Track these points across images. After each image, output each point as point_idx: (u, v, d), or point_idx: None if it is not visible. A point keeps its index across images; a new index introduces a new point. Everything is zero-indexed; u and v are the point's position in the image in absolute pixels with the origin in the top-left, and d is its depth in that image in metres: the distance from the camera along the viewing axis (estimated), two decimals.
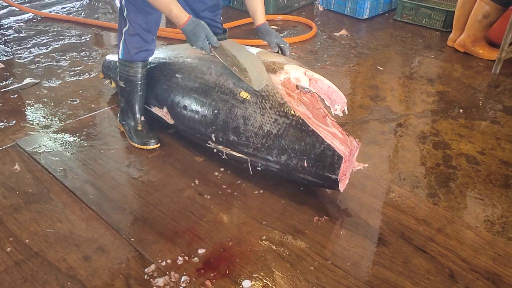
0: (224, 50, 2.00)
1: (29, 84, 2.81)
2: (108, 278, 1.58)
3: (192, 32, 1.95)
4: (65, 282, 1.56)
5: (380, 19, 4.11)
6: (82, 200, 1.90)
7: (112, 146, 2.26)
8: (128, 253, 1.68)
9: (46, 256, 1.65)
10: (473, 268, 1.66)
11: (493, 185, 2.11)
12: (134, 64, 2.11)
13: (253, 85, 1.89)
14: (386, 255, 1.71)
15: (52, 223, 1.79)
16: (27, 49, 3.31)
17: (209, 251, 1.69)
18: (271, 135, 1.85)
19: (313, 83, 1.92)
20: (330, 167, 1.77)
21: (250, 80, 1.90)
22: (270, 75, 1.95)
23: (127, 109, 2.24)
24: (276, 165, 1.89)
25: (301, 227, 1.81)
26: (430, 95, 2.88)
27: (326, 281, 1.59)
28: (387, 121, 2.58)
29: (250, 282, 1.57)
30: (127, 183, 2.01)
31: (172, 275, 1.58)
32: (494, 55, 3.21)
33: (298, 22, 3.98)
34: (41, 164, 2.10)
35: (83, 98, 2.69)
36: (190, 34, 1.95)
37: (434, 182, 2.12)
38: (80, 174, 2.05)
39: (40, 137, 2.29)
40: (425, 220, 1.86)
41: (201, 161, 2.16)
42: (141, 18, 2.03)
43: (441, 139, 2.43)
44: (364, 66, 3.25)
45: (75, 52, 3.29)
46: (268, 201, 1.93)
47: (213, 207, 1.89)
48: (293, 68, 1.96)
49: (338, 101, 1.97)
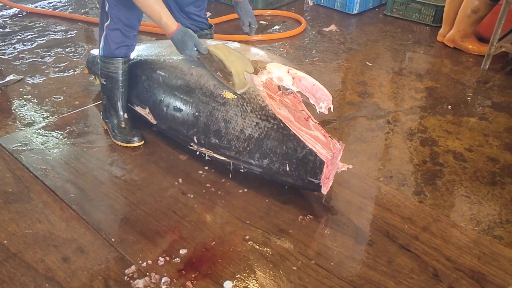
0: (212, 56, 1.96)
1: (12, 81, 2.76)
2: (87, 279, 1.55)
3: (180, 41, 1.92)
4: (43, 284, 1.53)
5: (370, 14, 4.09)
6: (63, 199, 1.87)
7: (95, 144, 2.22)
8: (108, 253, 1.65)
9: (24, 257, 1.62)
10: (458, 267, 1.64)
11: (480, 183, 2.10)
12: (114, 60, 2.07)
13: (235, 89, 1.86)
14: (370, 254, 1.69)
15: (32, 224, 1.76)
16: (11, 45, 3.25)
17: (191, 251, 1.66)
18: (252, 139, 1.83)
19: (297, 81, 1.89)
20: (312, 172, 1.75)
21: (233, 83, 1.87)
22: (252, 76, 1.92)
23: (109, 107, 2.20)
24: (259, 168, 1.86)
25: (285, 227, 1.78)
26: (418, 91, 2.86)
27: (309, 281, 1.57)
28: (374, 118, 2.56)
29: (232, 283, 1.54)
30: (110, 182, 1.98)
31: (153, 276, 1.55)
32: (484, 50, 3.20)
33: (287, 17, 3.94)
34: (22, 162, 2.06)
35: (67, 95, 2.65)
36: (179, 43, 1.93)
37: (420, 179, 2.11)
38: (62, 173, 2.01)
39: (22, 135, 2.25)
40: (410, 219, 1.84)
41: (185, 159, 2.12)
42: (123, 13, 1.99)
43: (428, 136, 2.42)
44: (353, 62, 3.22)
45: (61, 48, 3.24)
46: (253, 200, 1.91)
47: (197, 206, 1.86)
48: (276, 66, 1.92)
49: (323, 98, 1.94)
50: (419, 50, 3.42)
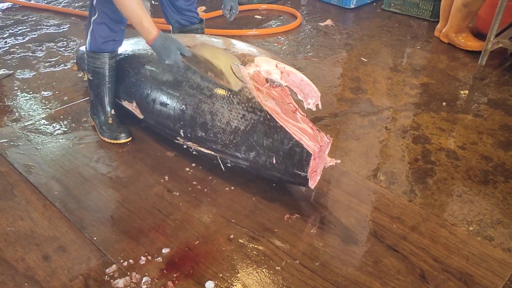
0: (197, 57, 1.89)
1: (1, 76, 2.73)
2: (67, 279, 1.52)
3: (162, 46, 1.83)
4: (22, 283, 1.50)
5: (368, 8, 4.04)
6: (46, 197, 1.84)
7: (83, 140, 2.19)
8: (90, 252, 1.62)
9: (4, 255, 1.60)
10: (445, 268, 1.61)
11: (472, 181, 2.06)
12: (100, 55, 2.04)
13: (231, 87, 1.82)
14: (356, 254, 1.66)
15: (14, 221, 1.73)
16: (3, 39, 3.22)
17: (174, 250, 1.63)
18: (239, 131, 1.79)
19: (285, 76, 1.86)
20: (299, 164, 1.72)
21: (228, 81, 1.83)
22: (239, 68, 1.88)
23: (96, 103, 2.17)
24: (245, 162, 1.83)
25: (270, 226, 1.75)
26: (413, 88, 2.82)
27: (292, 281, 1.54)
28: (367, 115, 2.52)
29: (214, 283, 1.51)
30: (95, 179, 1.95)
31: (133, 276, 1.53)
32: (478, 46, 3.15)
33: (283, 11, 3.89)
34: (7, 159, 2.04)
35: (56, 90, 2.62)
36: (161, 49, 1.84)
37: (411, 178, 2.07)
38: (47, 170, 1.99)
39: (8, 131, 2.23)
40: (399, 218, 1.81)
41: (172, 156, 2.09)
42: (109, 7, 1.95)
43: (421, 133, 2.38)
44: (348, 57, 3.18)
45: (52, 42, 3.21)
46: (239, 198, 1.88)
47: (182, 204, 1.84)
48: (264, 60, 1.89)
49: (311, 95, 1.91)
50: (415, 45, 3.37)
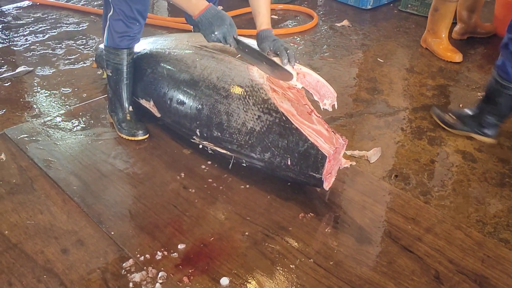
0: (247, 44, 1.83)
1: (22, 72, 2.78)
2: (85, 272, 1.55)
3: (216, 16, 1.74)
4: (41, 275, 1.54)
5: (385, 9, 4.01)
6: (65, 191, 1.88)
7: (101, 137, 2.23)
8: (107, 246, 1.65)
9: (24, 248, 1.63)
10: (460, 270, 1.61)
11: (488, 184, 2.05)
12: (119, 51, 2.07)
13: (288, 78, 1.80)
14: (371, 254, 1.66)
15: (33, 215, 1.77)
16: (23, 36, 3.28)
17: (189, 246, 1.65)
18: (254, 132, 1.81)
19: (301, 77, 1.86)
20: (314, 166, 1.72)
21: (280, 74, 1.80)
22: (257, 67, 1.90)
23: (115, 100, 2.20)
24: (260, 162, 1.85)
25: (285, 224, 1.76)
26: (430, 89, 2.80)
27: (306, 280, 1.55)
28: (383, 115, 2.51)
29: (228, 279, 1.53)
30: (112, 175, 1.98)
31: (150, 271, 1.55)
32: (453, 56, 3.06)
33: (299, 11, 3.90)
34: (27, 154, 2.08)
35: (75, 87, 2.66)
36: (213, 19, 1.73)
37: (427, 179, 2.06)
38: (66, 165, 2.02)
39: (28, 127, 2.27)
40: (414, 219, 1.81)
41: (188, 153, 2.12)
42: (125, 5, 1.98)
43: (437, 135, 2.37)
44: (364, 58, 3.17)
45: (72, 40, 3.25)
46: (254, 196, 1.89)
47: (197, 201, 1.86)
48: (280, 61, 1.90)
49: (327, 95, 1.91)
50: None
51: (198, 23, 1.79)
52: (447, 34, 3.13)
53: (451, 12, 3.04)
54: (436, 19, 3.09)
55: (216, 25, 1.75)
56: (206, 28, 1.77)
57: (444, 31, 3.11)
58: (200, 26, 1.79)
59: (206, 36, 1.81)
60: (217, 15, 1.76)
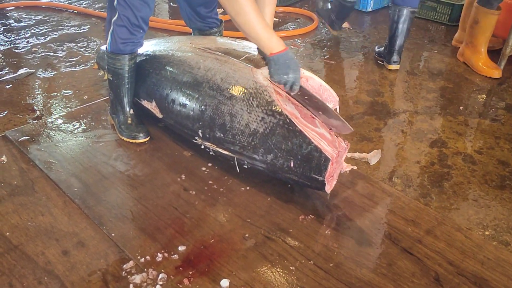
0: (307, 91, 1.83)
1: (23, 75, 2.79)
2: (85, 273, 1.56)
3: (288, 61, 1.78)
4: (42, 276, 1.54)
5: (385, 12, 4.02)
6: (66, 193, 1.88)
7: (102, 138, 2.23)
8: (108, 248, 1.65)
9: (25, 249, 1.64)
10: (460, 272, 1.61)
11: (489, 186, 2.05)
12: (120, 57, 2.08)
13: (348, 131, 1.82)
14: (371, 256, 1.66)
15: (34, 216, 1.78)
16: (25, 38, 3.29)
17: (190, 248, 1.66)
18: (257, 133, 1.81)
19: (304, 81, 1.87)
20: (317, 169, 1.73)
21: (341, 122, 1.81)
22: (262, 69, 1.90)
23: (116, 102, 2.21)
24: (262, 164, 1.85)
25: (285, 226, 1.77)
26: (430, 91, 2.81)
27: (306, 281, 1.55)
28: (383, 118, 2.52)
29: (229, 281, 1.53)
30: (113, 177, 1.98)
31: (150, 272, 1.56)
32: (492, 71, 2.96)
33: (300, 14, 3.91)
34: (28, 156, 2.08)
35: (76, 89, 2.67)
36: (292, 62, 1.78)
37: (427, 181, 2.07)
38: (67, 167, 2.03)
39: (29, 128, 2.28)
40: (414, 221, 1.81)
41: (189, 155, 2.12)
42: (130, 12, 1.99)
43: (438, 137, 2.37)
44: (365, 60, 3.18)
45: (73, 42, 3.27)
46: (254, 198, 1.89)
47: (198, 203, 1.86)
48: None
49: (329, 99, 1.92)
50: (433, 49, 3.36)
51: (272, 61, 1.79)
52: (486, 48, 3.01)
53: (491, 25, 2.92)
54: (475, 32, 2.97)
55: (292, 69, 1.77)
56: (280, 68, 1.77)
57: (484, 45, 3.00)
58: (273, 64, 1.78)
59: (274, 74, 1.80)
60: (294, 59, 1.79)
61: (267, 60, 1.82)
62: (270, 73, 1.82)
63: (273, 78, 1.81)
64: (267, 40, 1.78)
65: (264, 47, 1.80)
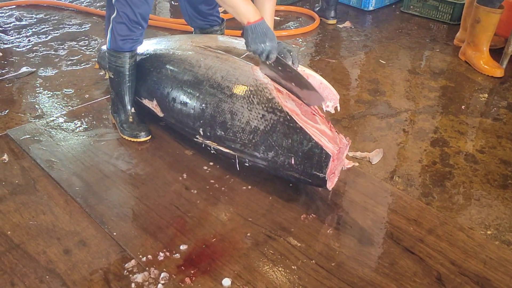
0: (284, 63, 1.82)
1: (25, 73, 2.79)
2: (87, 272, 1.56)
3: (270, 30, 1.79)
4: (44, 275, 1.54)
5: (387, 10, 4.02)
6: (68, 192, 1.88)
7: (103, 137, 2.23)
8: (109, 247, 1.65)
9: (26, 248, 1.64)
10: (462, 272, 1.60)
11: (491, 185, 2.04)
12: (121, 54, 2.07)
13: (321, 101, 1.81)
14: (373, 255, 1.66)
15: (36, 215, 1.78)
16: (26, 37, 3.29)
17: (191, 247, 1.65)
18: (258, 131, 1.81)
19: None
20: (318, 165, 1.72)
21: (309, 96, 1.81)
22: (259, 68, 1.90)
23: (117, 101, 2.21)
24: (264, 161, 1.85)
25: (287, 225, 1.76)
26: (432, 90, 2.80)
27: (308, 281, 1.55)
28: (385, 117, 2.51)
29: (230, 280, 1.53)
30: (114, 176, 1.98)
31: (152, 271, 1.55)
32: (494, 71, 2.95)
33: (301, 13, 3.90)
34: (30, 154, 2.08)
35: (77, 88, 2.67)
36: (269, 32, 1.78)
37: (429, 181, 2.06)
38: (68, 165, 2.03)
39: (31, 127, 2.27)
40: (416, 221, 1.80)
41: (190, 154, 2.12)
42: (129, 9, 1.98)
43: (439, 136, 2.37)
44: (366, 59, 3.17)
45: (74, 41, 3.26)
46: (256, 197, 1.89)
47: (199, 202, 1.86)
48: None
49: (330, 97, 1.92)
50: (435, 48, 3.35)
51: (249, 30, 1.79)
52: (488, 47, 2.99)
53: (493, 24, 2.90)
54: (477, 31, 2.94)
55: (269, 38, 1.78)
56: (258, 37, 1.78)
57: (485, 44, 2.98)
58: (250, 33, 1.79)
59: (251, 43, 1.79)
60: (270, 29, 1.80)
61: (244, 30, 1.82)
62: (247, 42, 1.82)
63: (250, 47, 1.81)
64: (245, 9, 1.79)
65: (242, 16, 1.80)
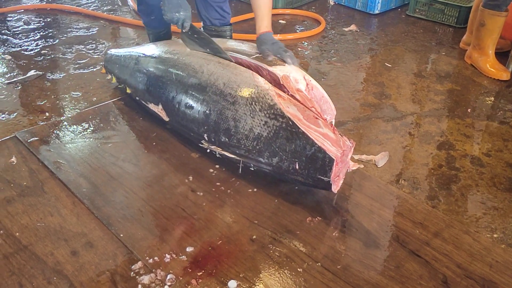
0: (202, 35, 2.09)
1: (33, 77, 2.82)
2: (94, 274, 1.57)
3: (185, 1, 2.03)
4: (51, 276, 1.56)
5: (392, 14, 4.02)
6: (75, 194, 1.90)
7: (110, 140, 2.25)
8: (116, 249, 1.67)
9: (34, 249, 1.65)
10: (468, 275, 1.60)
11: (497, 189, 2.04)
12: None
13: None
14: (378, 258, 1.66)
15: (44, 217, 1.79)
16: (34, 41, 3.32)
17: (198, 249, 1.66)
18: (261, 137, 1.82)
19: (309, 89, 1.89)
20: (322, 170, 1.73)
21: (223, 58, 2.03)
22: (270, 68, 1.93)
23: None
24: (268, 166, 1.86)
25: (292, 228, 1.77)
26: (438, 94, 2.80)
27: (314, 283, 1.55)
28: (390, 120, 2.51)
29: (236, 283, 1.54)
30: (121, 178, 2.00)
31: (158, 273, 1.56)
32: (500, 74, 2.94)
33: (306, 16, 3.91)
34: (38, 157, 2.10)
35: (85, 91, 2.69)
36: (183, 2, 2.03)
37: (435, 184, 2.06)
38: (75, 167, 2.05)
39: (39, 130, 2.30)
40: (422, 224, 1.80)
41: (197, 157, 2.13)
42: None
43: (445, 140, 2.36)
44: (372, 62, 3.18)
45: (82, 45, 3.29)
46: (261, 199, 1.90)
47: (205, 204, 1.87)
48: (294, 69, 1.95)
49: (327, 112, 1.95)
50: (441, 51, 3.35)
51: (165, 1, 2.01)
52: (493, 50, 2.98)
53: (498, 27, 2.89)
54: (482, 34, 2.94)
55: (183, 8, 2.01)
56: (173, 7, 2.01)
57: (491, 47, 2.96)
58: (167, 3, 2.01)
59: (167, 13, 2.02)
60: (185, 1, 2.02)
61: (162, 2, 2.02)
62: (163, 11, 2.03)
63: (166, 16, 2.04)
64: None
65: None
